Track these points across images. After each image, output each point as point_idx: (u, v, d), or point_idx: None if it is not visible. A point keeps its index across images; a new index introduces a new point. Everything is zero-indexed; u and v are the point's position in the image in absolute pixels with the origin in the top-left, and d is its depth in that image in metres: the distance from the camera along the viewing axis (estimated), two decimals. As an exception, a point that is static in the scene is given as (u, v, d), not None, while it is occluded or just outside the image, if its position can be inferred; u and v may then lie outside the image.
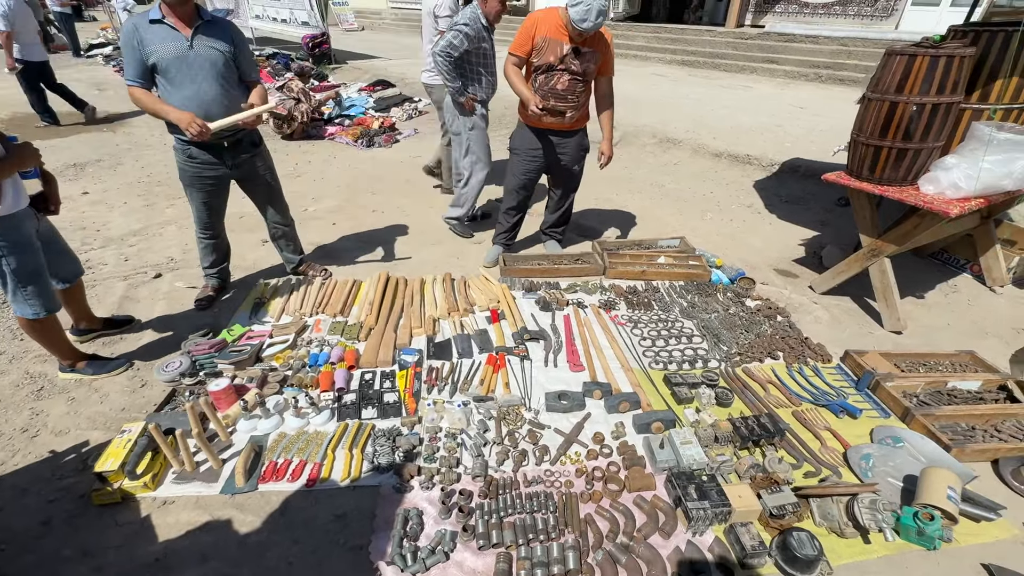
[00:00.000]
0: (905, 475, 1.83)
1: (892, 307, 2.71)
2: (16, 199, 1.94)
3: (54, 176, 2.20)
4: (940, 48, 2.27)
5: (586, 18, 2.42)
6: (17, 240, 1.95)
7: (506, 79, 2.79)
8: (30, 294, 2.02)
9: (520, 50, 2.67)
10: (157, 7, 2.19)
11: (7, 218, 1.90)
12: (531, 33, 2.62)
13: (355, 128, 6.19)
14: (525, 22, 2.64)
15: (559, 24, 2.59)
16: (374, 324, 2.63)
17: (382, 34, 16.93)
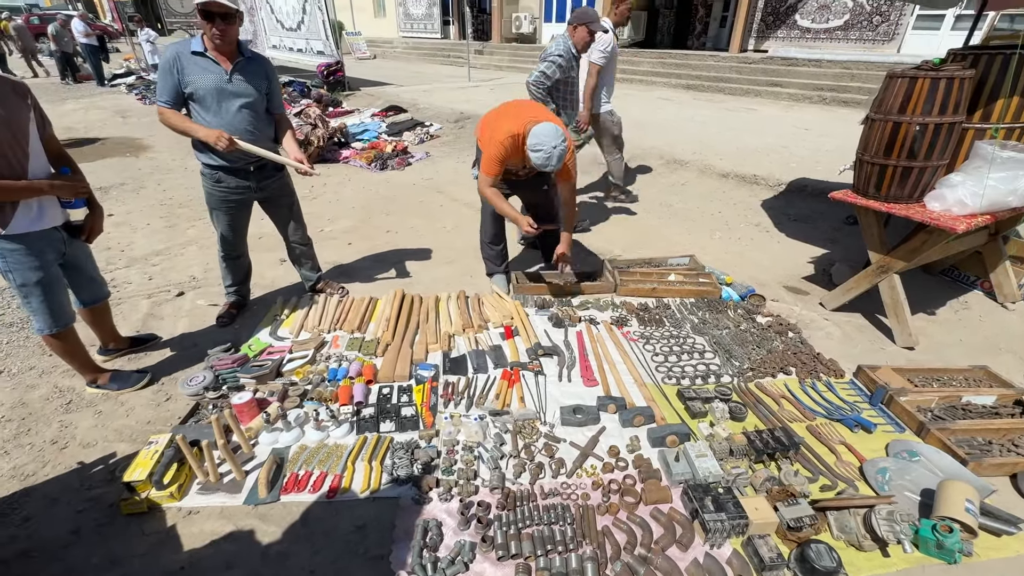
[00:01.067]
0: (922, 489, 1.83)
1: (903, 323, 2.73)
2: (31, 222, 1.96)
3: (102, 208, 2.30)
4: (940, 71, 2.34)
5: (547, 163, 2.46)
6: (21, 258, 1.98)
7: (487, 200, 2.80)
8: (35, 310, 2.08)
9: (494, 173, 2.66)
10: (200, 39, 2.32)
11: (14, 237, 1.93)
12: (502, 161, 2.63)
13: (369, 152, 6.36)
14: (499, 150, 2.57)
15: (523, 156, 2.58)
16: (391, 340, 2.68)
17: (393, 62, 17.46)
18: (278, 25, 11.93)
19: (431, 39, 19.06)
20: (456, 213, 4.64)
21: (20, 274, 2.02)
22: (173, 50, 2.32)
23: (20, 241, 1.97)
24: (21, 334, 2.82)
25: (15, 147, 1.89)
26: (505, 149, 2.59)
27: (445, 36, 18.94)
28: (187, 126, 2.36)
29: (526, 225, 2.66)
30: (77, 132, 7.83)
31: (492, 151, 2.61)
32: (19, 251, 1.98)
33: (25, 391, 2.39)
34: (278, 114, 2.66)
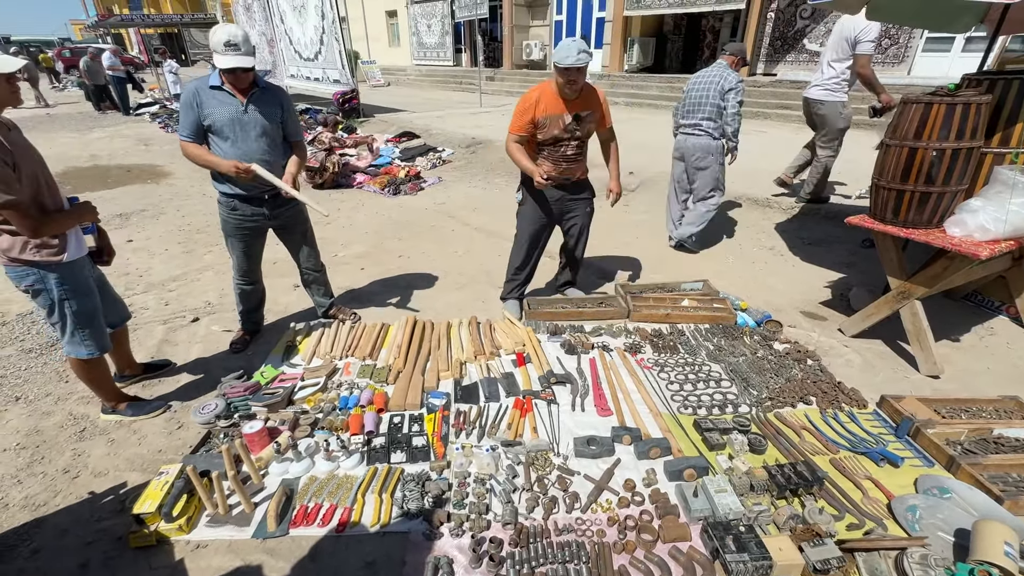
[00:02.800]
0: (956, 529, 1.74)
1: (927, 350, 2.65)
2: (78, 248, 2.09)
3: (107, 232, 2.36)
4: (956, 96, 2.33)
5: (567, 55, 2.50)
6: (78, 284, 2.08)
7: (509, 156, 2.86)
8: (87, 336, 2.13)
9: (522, 131, 2.76)
10: (217, 74, 2.40)
11: (71, 264, 2.04)
12: (531, 113, 2.71)
13: (382, 177, 6.46)
14: (522, 103, 2.73)
15: (555, 96, 2.70)
16: (402, 367, 2.67)
17: (407, 88, 17.89)
18: (296, 55, 12.32)
19: (443, 66, 19.54)
20: (468, 238, 4.66)
21: (78, 300, 2.09)
22: (192, 86, 2.40)
23: (75, 268, 2.06)
24: (39, 360, 2.86)
25: (52, 183, 2.00)
26: (527, 101, 2.71)
27: (457, 63, 19.41)
28: (207, 159, 2.44)
29: (539, 176, 2.68)
30: (101, 160, 8.09)
31: (517, 108, 2.75)
32: (76, 278, 2.07)
33: (40, 418, 2.41)
34: (295, 141, 2.72)
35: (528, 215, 3.07)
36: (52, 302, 2.05)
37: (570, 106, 2.72)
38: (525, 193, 3.04)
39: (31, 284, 2.00)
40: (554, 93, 2.70)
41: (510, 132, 2.81)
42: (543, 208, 3.02)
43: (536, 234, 3.10)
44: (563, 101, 2.71)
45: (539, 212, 3.03)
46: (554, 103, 2.71)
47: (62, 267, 2.02)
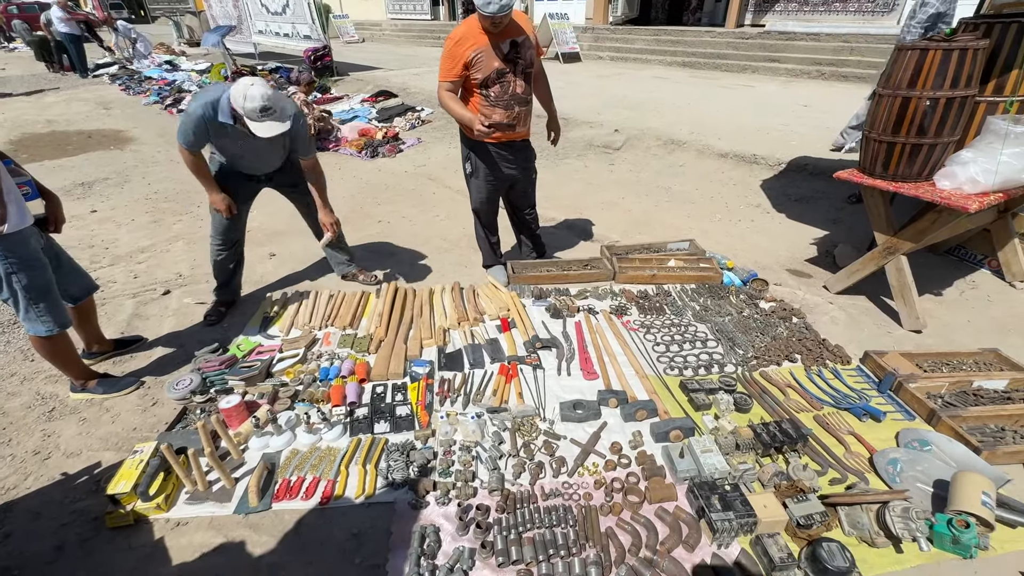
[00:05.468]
0: (935, 480, 1.77)
1: (910, 306, 2.66)
2: (21, 217, 1.94)
3: (56, 195, 2.20)
4: (952, 41, 2.23)
5: (490, 1, 2.27)
6: (25, 256, 1.95)
7: (444, 107, 2.63)
8: (42, 311, 2.02)
9: (451, 75, 2.52)
10: (229, 111, 2.27)
11: (14, 235, 1.90)
12: (458, 53, 2.47)
13: (359, 139, 6.20)
14: (447, 44, 2.50)
15: (481, 31, 2.44)
16: (384, 336, 2.60)
17: (382, 45, 17.06)
18: (263, 9, 11.57)
19: (421, 20, 18.62)
20: (449, 201, 4.52)
21: (27, 274, 1.96)
22: (203, 118, 2.28)
23: (19, 240, 1.92)
24: (1, 339, 2.73)
25: None
26: (452, 40, 2.49)
27: (435, 17, 18.50)
28: (206, 181, 2.51)
29: (478, 123, 2.46)
30: (59, 125, 7.62)
31: (444, 52, 2.54)
32: (20, 250, 1.94)
33: (5, 399, 2.31)
34: (306, 160, 2.64)
35: (480, 186, 2.89)
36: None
37: (501, 36, 2.46)
38: (475, 161, 2.81)
39: None
40: (480, 29, 2.45)
41: (440, 81, 2.56)
42: (495, 175, 2.82)
43: (491, 199, 2.97)
44: (492, 34, 2.46)
45: (491, 181, 2.85)
46: (483, 36, 2.45)
47: (4, 239, 1.87)
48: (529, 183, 3.00)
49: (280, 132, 2.29)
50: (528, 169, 2.92)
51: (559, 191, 4.64)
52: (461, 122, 2.65)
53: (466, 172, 2.91)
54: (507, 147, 2.75)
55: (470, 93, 2.62)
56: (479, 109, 2.59)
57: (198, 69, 11.28)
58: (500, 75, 2.51)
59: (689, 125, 6.14)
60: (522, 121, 2.67)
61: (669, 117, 6.53)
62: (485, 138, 2.60)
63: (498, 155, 2.75)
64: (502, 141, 2.71)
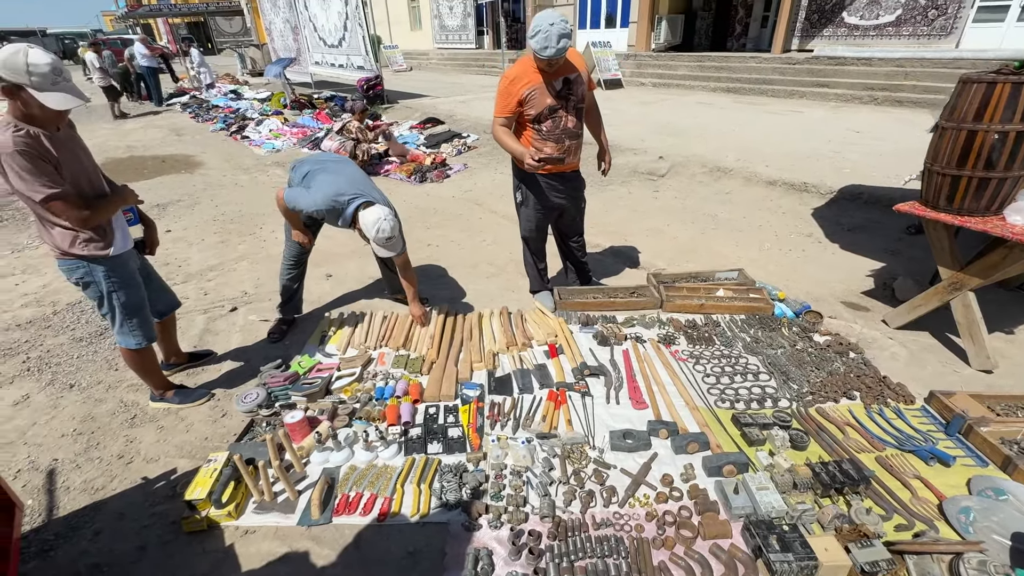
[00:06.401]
0: (1013, 533, 1.67)
1: (979, 344, 2.53)
2: (124, 240, 2.16)
3: (153, 221, 2.42)
4: (1023, 74, 2.17)
5: (547, 45, 2.35)
6: (125, 277, 2.15)
7: (498, 142, 2.75)
8: (135, 326, 2.21)
9: (505, 111, 2.64)
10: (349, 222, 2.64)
11: (117, 257, 2.11)
12: (513, 91, 2.58)
13: (409, 165, 6.47)
14: (502, 83, 2.62)
15: (535, 70, 2.55)
16: (435, 358, 2.69)
17: (429, 73, 17.79)
18: (321, 42, 12.34)
19: (466, 49, 19.32)
20: (495, 226, 4.64)
21: (125, 292, 2.17)
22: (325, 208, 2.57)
23: (120, 262, 2.14)
24: (90, 348, 2.98)
25: (95, 172, 2.06)
26: (507, 79, 2.60)
27: (479, 46, 19.16)
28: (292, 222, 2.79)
29: (529, 158, 2.56)
30: (137, 151, 8.31)
31: (499, 89, 2.65)
32: (121, 271, 2.15)
33: (94, 405, 2.52)
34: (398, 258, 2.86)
35: (529, 215, 2.97)
36: (101, 294, 2.13)
37: (556, 73, 2.57)
38: (525, 191, 2.90)
39: (80, 277, 2.08)
40: (534, 67, 2.55)
41: (495, 116, 2.70)
42: (544, 205, 2.90)
43: (540, 227, 3.04)
44: (546, 73, 2.56)
45: (540, 210, 2.93)
46: (537, 75, 2.56)
47: (109, 260, 2.08)
48: (578, 212, 3.07)
49: (394, 255, 2.73)
50: (577, 199, 2.99)
51: (604, 217, 4.69)
52: (513, 156, 2.76)
53: (516, 201, 3.01)
54: (558, 178, 2.83)
55: (523, 127, 2.74)
56: (531, 142, 2.70)
57: (260, 98, 12.07)
58: (552, 111, 2.61)
59: (735, 152, 6.09)
60: (572, 154, 2.76)
61: (714, 143, 6.50)
62: (537, 171, 2.70)
63: (548, 185, 2.84)
64: (552, 172, 2.79)
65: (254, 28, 25.07)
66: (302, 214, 2.68)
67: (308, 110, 10.36)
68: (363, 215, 2.58)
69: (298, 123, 9.28)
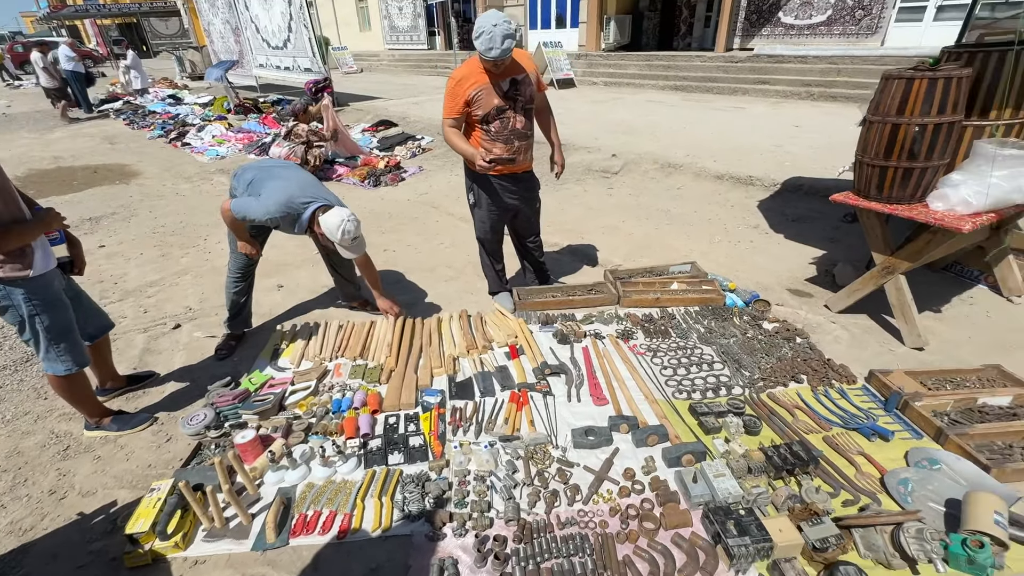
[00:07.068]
0: (946, 499, 1.79)
1: (911, 323, 2.70)
2: (45, 260, 2.00)
3: (79, 240, 2.25)
4: (937, 71, 2.33)
5: (491, 46, 2.34)
6: (48, 299, 1.99)
7: (448, 143, 2.74)
8: (63, 351, 2.05)
9: (453, 112, 2.62)
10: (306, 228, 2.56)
11: (38, 278, 1.95)
12: (459, 92, 2.57)
13: (362, 169, 6.32)
14: (449, 83, 2.60)
15: (482, 70, 2.54)
16: (394, 366, 2.63)
17: (381, 75, 17.48)
18: (264, 44, 11.91)
19: (417, 50, 19.10)
20: (452, 228, 4.60)
21: (49, 315, 2.00)
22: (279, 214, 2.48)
23: (43, 282, 1.98)
24: (14, 377, 2.75)
25: (11, 192, 1.89)
26: (454, 81, 2.58)
27: (431, 47, 18.99)
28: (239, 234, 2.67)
29: (479, 159, 2.55)
30: (65, 160, 7.76)
31: (446, 91, 2.62)
32: (45, 292, 1.98)
33: (20, 438, 2.32)
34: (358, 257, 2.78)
35: (483, 217, 2.96)
36: (22, 318, 1.96)
37: (503, 74, 2.55)
38: (477, 192, 2.89)
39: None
40: (481, 68, 2.54)
41: (444, 117, 2.67)
42: (498, 206, 2.90)
43: (495, 228, 3.03)
44: (492, 73, 2.55)
45: (494, 211, 2.92)
46: (483, 76, 2.54)
47: (29, 282, 1.92)
48: (533, 212, 3.08)
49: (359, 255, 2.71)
50: (531, 199, 3.00)
51: (561, 216, 4.73)
52: (464, 157, 2.73)
53: (470, 203, 2.99)
54: (509, 178, 2.83)
55: (472, 128, 2.72)
56: (480, 143, 2.69)
57: (201, 102, 11.53)
58: (500, 112, 2.60)
59: (684, 148, 6.28)
60: (522, 154, 2.76)
61: (665, 140, 6.68)
62: (488, 171, 2.68)
63: (501, 187, 2.83)
64: (504, 173, 2.78)
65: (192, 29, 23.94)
66: (251, 223, 2.57)
67: (254, 114, 9.98)
68: (324, 219, 2.50)
69: (243, 128, 8.92)
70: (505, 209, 2.93)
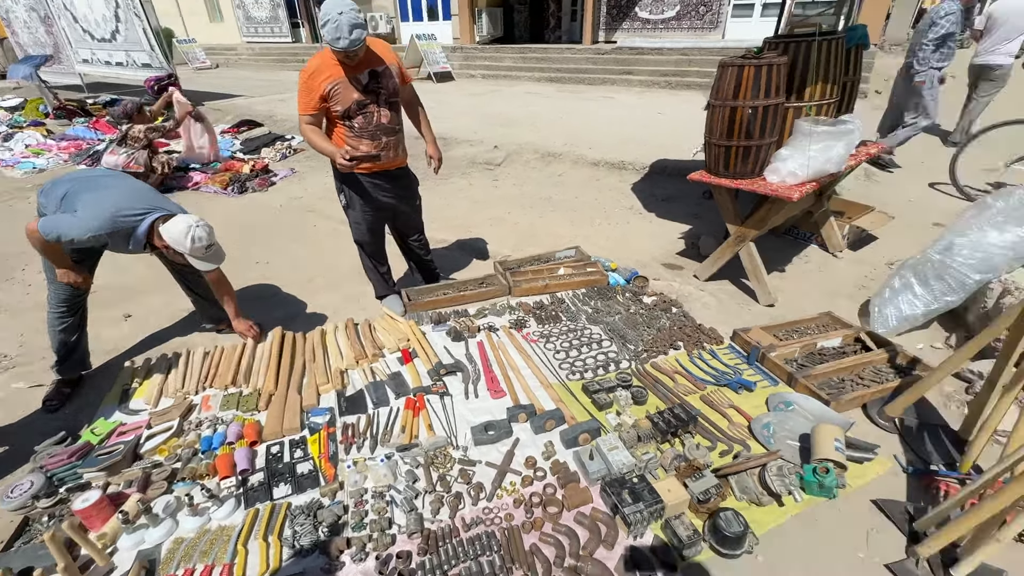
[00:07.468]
0: (800, 435, 2.04)
1: (763, 284, 3.05)
2: None
3: None
4: (761, 59, 2.62)
5: (339, 35, 2.17)
6: None
7: (307, 141, 2.54)
8: None
9: (308, 108, 2.43)
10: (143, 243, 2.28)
11: None
12: (313, 86, 2.37)
13: (223, 174, 5.69)
14: (301, 77, 2.40)
15: (335, 62, 2.36)
16: (274, 389, 2.39)
17: (240, 71, 15.90)
18: (86, 36, 10.19)
19: (280, 43, 17.65)
20: (333, 233, 4.32)
21: None
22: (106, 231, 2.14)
23: None
24: None
25: None
26: (307, 74, 2.38)
27: (296, 39, 17.65)
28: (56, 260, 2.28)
29: (340, 157, 2.39)
30: None
31: (299, 85, 2.42)
32: None
33: None
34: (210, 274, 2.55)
35: (358, 219, 2.80)
36: None
37: (359, 66, 2.40)
38: (349, 193, 2.72)
39: None
40: (335, 60, 2.36)
41: (300, 114, 2.47)
42: (372, 206, 2.75)
43: (373, 229, 2.87)
44: (347, 66, 2.38)
45: (368, 212, 2.77)
46: (338, 68, 2.37)
47: None
48: (413, 210, 2.97)
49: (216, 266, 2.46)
50: (409, 197, 2.89)
51: (447, 212, 4.65)
52: (324, 155, 2.54)
53: (342, 204, 2.80)
54: (382, 176, 2.69)
55: (333, 124, 2.54)
56: (345, 141, 2.52)
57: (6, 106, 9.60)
58: (361, 106, 2.45)
59: (563, 137, 6.51)
60: (392, 150, 2.63)
61: (544, 131, 6.87)
62: (352, 170, 2.52)
63: (373, 185, 2.69)
64: (375, 171, 2.64)
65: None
66: (69, 245, 2.15)
67: (81, 119, 8.53)
68: (166, 229, 2.22)
69: (68, 135, 7.58)
70: (381, 209, 2.78)
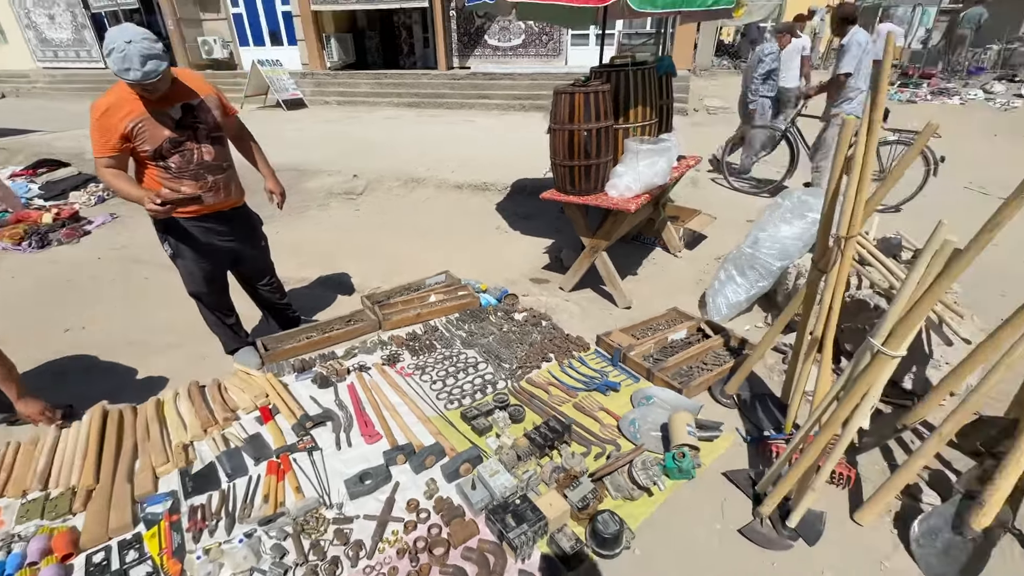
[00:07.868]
0: (661, 425, 2.23)
1: (618, 288, 3.32)
2: None
3: None
4: (588, 87, 2.88)
5: (128, 67, 1.91)
6: None
7: (109, 185, 2.21)
8: None
9: (106, 150, 2.12)
10: None
11: None
12: (109, 125, 2.08)
13: (15, 227, 4.70)
14: (92, 115, 2.09)
15: (135, 97, 2.09)
16: (94, 483, 1.99)
17: (36, 101, 13.49)
18: None
19: (90, 70, 15.29)
20: (167, 284, 3.76)
21: None
22: None
23: None
24: None
25: None
26: (98, 112, 2.08)
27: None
28: None
29: (149, 202, 2.10)
30: None
31: (94, 120, 2.09)
32: None
33: None
34: None
35: (191, 269, 2.49)
36: None
37: (166, 100, 2.15)
38: (174, 242, 2.40)
39: None
40: (135, 95, 2.09)
41: (96, 157, 2.15)
42: (205, 253, 2.47)
43: (210, 279, 2.58)
44: (150, 101, 2.11)
45: (201, 261, 2.48)
46: (138, 103, 2.09)
47: None
48: (259, 252, 2.72)
49: None
50: (252, 238, 2.64)
51: (308, 247, 4.36)
52: (131, 201, 2.21)
53: (168, 254, 2.46)
54: (214, 219, 2.42)
55: (143, 166, 2.23)
56: (161, 183, 2.23)
57: None
58: (176, 144, 2.18)
59: (425, 162, 6.51)
60: (222, 190, 2.38)
61: (405, 156, 6.81)
62: (168, 215, 2.22)
63: (203, 230, 2.41)
64: (204, 214, 2.37)
65: None
66: None
67: None
68: None
69: None
70: (217, 255, 2.50)
